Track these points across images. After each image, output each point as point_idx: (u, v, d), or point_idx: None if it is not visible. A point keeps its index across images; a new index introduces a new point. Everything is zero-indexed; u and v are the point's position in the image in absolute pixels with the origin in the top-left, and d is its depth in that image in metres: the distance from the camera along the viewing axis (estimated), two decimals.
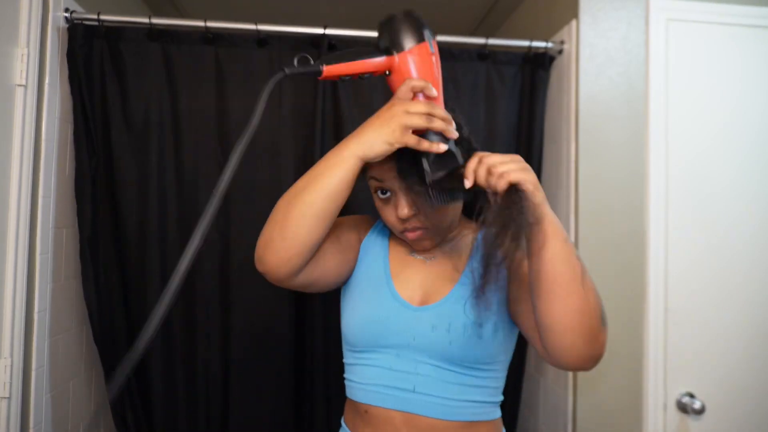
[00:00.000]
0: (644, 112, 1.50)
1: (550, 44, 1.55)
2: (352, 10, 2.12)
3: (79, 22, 1.40)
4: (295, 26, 1.48)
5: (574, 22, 1.50)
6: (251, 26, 1.45)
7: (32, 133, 1.27)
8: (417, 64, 0.75)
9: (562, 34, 1.56)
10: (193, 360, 1.51)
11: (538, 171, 1.58)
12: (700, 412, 1.44)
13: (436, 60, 0.76)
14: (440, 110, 0.73)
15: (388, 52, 0.75)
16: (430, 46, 0.74)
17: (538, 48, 1.56)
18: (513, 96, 1.59)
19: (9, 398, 1.20)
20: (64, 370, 1.40)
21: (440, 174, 0.74)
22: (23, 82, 1.24)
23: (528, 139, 1.58)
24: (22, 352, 1.24)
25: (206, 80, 1.49)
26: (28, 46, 1.25)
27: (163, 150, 1.48)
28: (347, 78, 0.78)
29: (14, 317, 1.21)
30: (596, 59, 1.50)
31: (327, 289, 0.91)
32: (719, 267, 1.51)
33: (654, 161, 1.49)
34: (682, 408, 1.48)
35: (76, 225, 1.44)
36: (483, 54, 1.57)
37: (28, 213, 1.26)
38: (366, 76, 0.77)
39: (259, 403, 1.52)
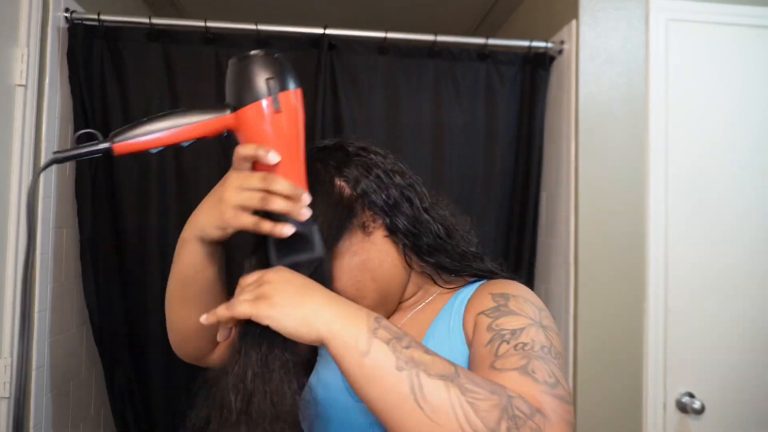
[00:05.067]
0: (644, 112, 1.50)
1: (550, 44, 1.55)
2: (352, 10, 2.12)
3: (79, 22, 1.40)
4: (295, 26, 1.48)
5: (574, 22, 1.50)
6: (251, 26, 1.45)
7: (32, 133, 1.27)
8: (254, 125, 0.58)
9: (562, 34, 1.56)
10: None
11: (538, 171, 1.59)
12: (700, 411, 1.45)
13: (288, 117, 0.58)
14: (282, 184, 0.56)
15: (223, 109, 0.59)
16: (275, 103, 0.57)
17: (538, 48, 1.56)
18: (513, 96, 1.59)
19: (9, 398, 1.20)
20: (64, 370, 1.40)
21: (285, 261, 0.60)
22: (23, 82, 1.24)
23: (528, 139, 1.58)
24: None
25: (206, 80, 1.49)
26: (28, 46, 1.25)
27: (162, 150, 1.48)
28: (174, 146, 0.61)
29: (14, 317, 1.21)
30: (596, 59, 1.50)
31: None
32: (719, 266, 1.51)
33: (654, 161, 1.49)
34: (682, 408, 1.48)
35: (76, 225, 1.44)
36: (483, 54, 1.57)
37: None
38: (191, 142, 0.61)
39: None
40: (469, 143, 1.58)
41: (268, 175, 0.57)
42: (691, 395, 1.48)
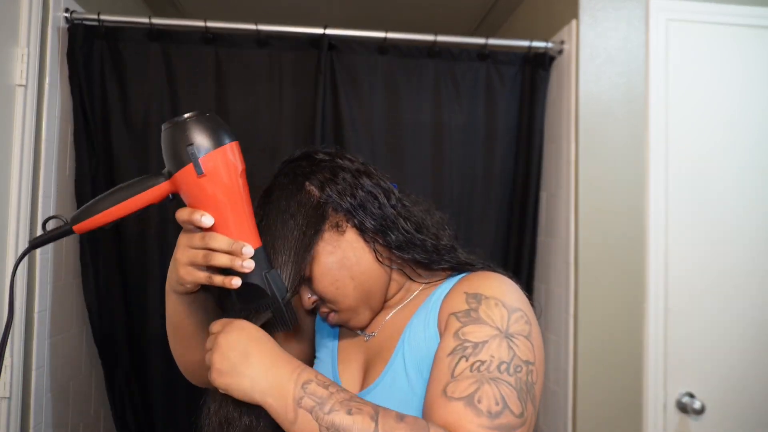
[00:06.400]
0: (644, 112, 1.50)
1: (550, 44, 1.55)
2: (352, 10, 2.12)
3: (79, 22, 1.40)
4: (295, 26, 1.48)
5: (574, 22, 1.50)
6: (251, 26, 1.45)
7: (32, 133, 1.27)
8: (186, 190, 0.61)
9: (562, 34, 1.56)
10: None
11: (538, 171, 1.59)
12: (700, 412, 1.44)
13: (216, 178, 0.60)
14: (219, 241, 0.61)
15: (160, 178, 0.64)
16: (197, 168, 0.59)
17: (538, 48, 1.56)
18: (513, 96, 1.59)
19: (9, 398, 1.20)
20: (64, 370, 1.40)
21: (248, 307, 0.64)
22: (23, 82, 1.24)
23: (528, 139, 1.58)
24: (22, 352, 1.24)
25: (206, 80, 1.49)
26: (28, 46, 1.25)
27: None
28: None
29: (14, 317, 1.21)
30: (596, 59, 1.50)
31: None
32: (719, 267, 1.51)
33: (654, 161, 1.49)
34: (682, 408, 1.48)
35: None
36: (483, 54, 1.57)
37: (28, 213, 1.26)
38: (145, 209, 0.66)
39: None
40: (469, 143, 1.58)
41: (207, 234, 0.62)
42: (692, 395, 1.48)
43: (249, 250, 0.62)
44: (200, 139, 0.59)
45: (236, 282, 0.62)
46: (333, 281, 0.70)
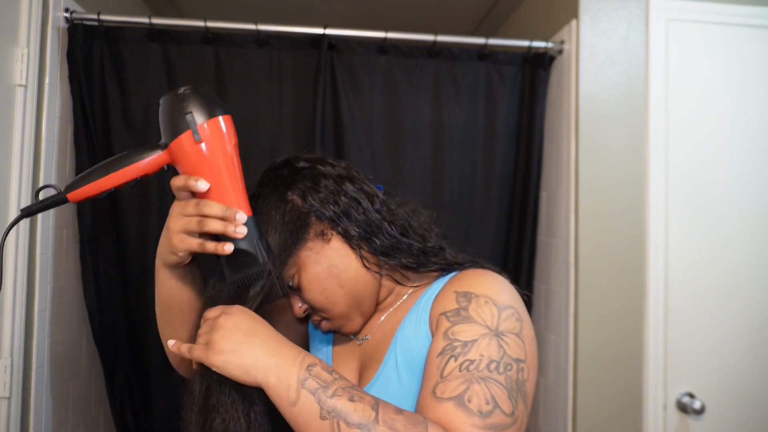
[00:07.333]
0: (644, 112, 1.50)
1: (550, 44, 1.56)
2: (352, 10, 2.12)
3: (79, 22, 1.40)
4: (295, 26, 1.48)
5: (574, 22, 1.50)
6: (251, 26, 1.45)
7: (32, 133, 1.27)
8: (183, 157, 0.63)
9: (562, 34, 1.56)
10: None
11: (538, 171, 1.59)
12: (700, 412, 1.45)
13: (212, 144, 0.63)
14: (213, 207, 0.62)
15: (156, 148, 0.65)
16: (195, 134, 0.61)
17: (538, 48, 1.56)
18: (513, 96, 1.59)
19: (9, 398, 1.19)
20: (64, 370, 1.40)
21: (237, 276, 0.65)
22: (23, 82, 1.24)
23: (528, 139, 1.58)
24: (22, 352, 1.24)
25: (206, 80, 1.49)
26: (28, 46, 1.25)
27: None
28: (123, 186, 0.66)
29: (14, 317, 1.21)
30: (596, 59, 1.50)
31: None
32: (720, 266, 1.51)
33: (654, 161, 1.49)
34: (682, 408, 1.48)
35: (76, 225, 1.44)
36: (483, 54, 1.57)
37: None
38: (139, 180, 0.66)
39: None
40: (469, 143, 1.58)
41: (201, 200, 0.63)
42: (692, 395, 1.48)
43: (242, 216, 0.63)
44: (197, 109, 0.62)
45: (228, 248, 0.63)
46: (322, 290, 0.70)
